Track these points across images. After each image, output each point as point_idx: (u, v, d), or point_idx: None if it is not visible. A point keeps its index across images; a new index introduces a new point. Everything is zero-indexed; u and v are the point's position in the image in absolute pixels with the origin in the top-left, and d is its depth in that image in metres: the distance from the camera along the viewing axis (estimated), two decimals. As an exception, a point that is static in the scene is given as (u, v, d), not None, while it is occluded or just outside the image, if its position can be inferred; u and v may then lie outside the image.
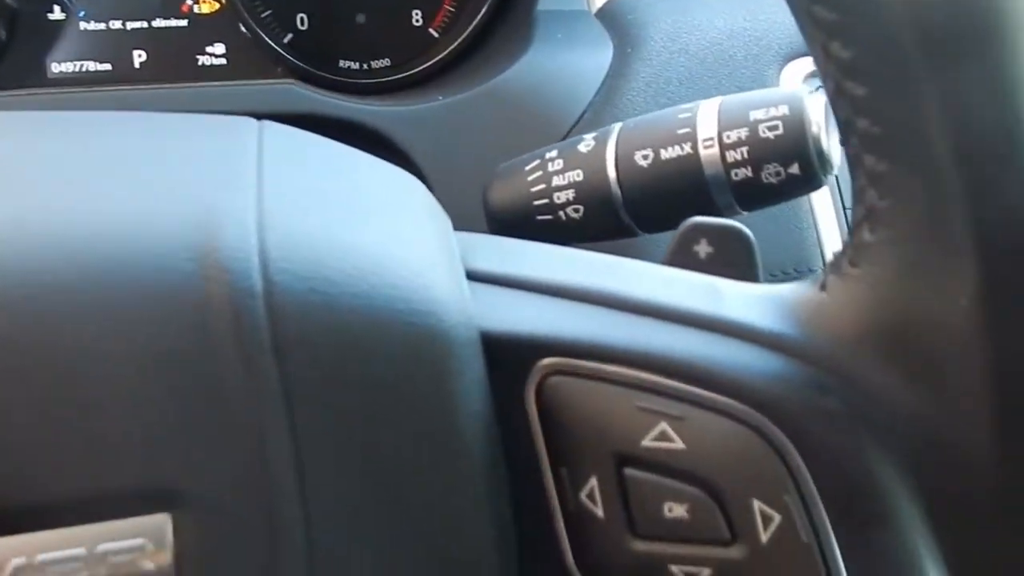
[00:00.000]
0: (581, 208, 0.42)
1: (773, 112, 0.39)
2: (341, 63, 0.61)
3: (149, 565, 0.24)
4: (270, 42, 0.59)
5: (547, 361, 0.29)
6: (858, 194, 0.28)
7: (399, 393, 0.26)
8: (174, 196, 0.26)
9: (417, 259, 0.28)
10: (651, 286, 0.30)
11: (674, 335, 0.29)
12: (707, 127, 0.40)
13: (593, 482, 0.29)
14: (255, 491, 0.24)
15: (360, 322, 0.26)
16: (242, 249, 0.25)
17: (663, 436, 0.28)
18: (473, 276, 0.30)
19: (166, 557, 0.24)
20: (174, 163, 0.28)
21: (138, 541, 0.24)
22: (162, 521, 0.24)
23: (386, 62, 0.62)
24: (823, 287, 0.29)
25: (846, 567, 0.28)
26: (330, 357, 0.25)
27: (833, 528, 0.28)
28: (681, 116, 0.41)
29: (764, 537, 0.28)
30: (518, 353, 0.29)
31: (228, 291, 0.25)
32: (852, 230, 0.28)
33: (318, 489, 0.25)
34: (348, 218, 0.28)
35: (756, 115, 0.39)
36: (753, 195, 0.40)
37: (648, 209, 0.41)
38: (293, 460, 0.25)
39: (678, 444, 0.28)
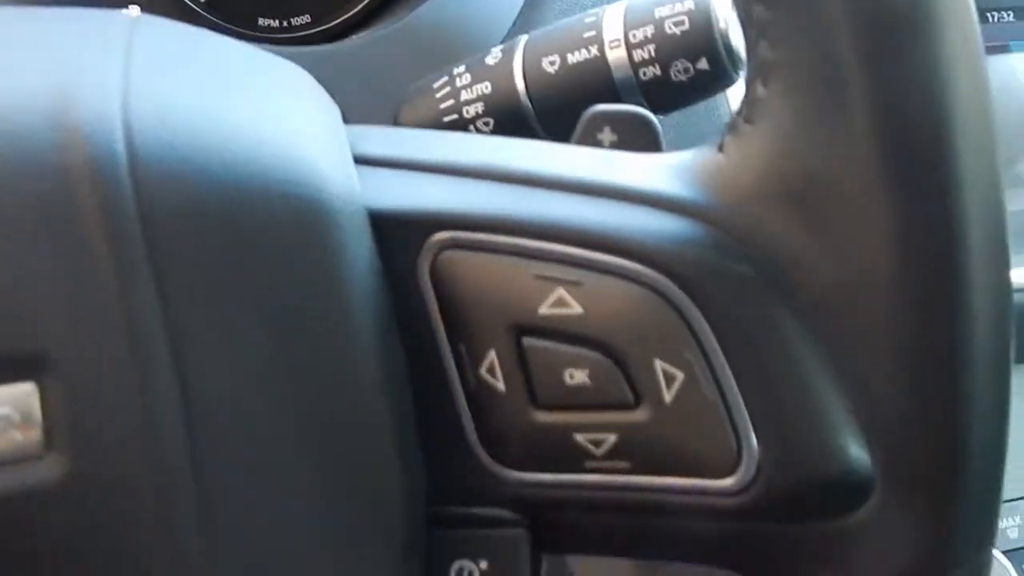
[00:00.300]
0: (491, 121, 0.41)
1: (678, 7, 0.39)
2: (261, 21, 0.60)
3: (17, 436, 0.23)
4: (187, 1, 0.58)
5: (440, 235, 0.28)
6: (750, 50, 0.28)
7: (278, 264, 0.26)
8: (35, 69, 0.26)
9: (297, 131, 0.27)
10: (545, 159, 0.29)
11: (569, 203, 0.28)
12: (613, 28, 0.39)
13: (492, 355, 0.28)
14: (126, 362, 0.23)
15: (232, 191, 0.25)
16: (103, 117, 0.24)
17: (560, 302, 0.27)
18: (361, 160, 0.29)
19: (35, 428, 0.23)
20: (37, 42, 0.27)
21: (3, 410, 0.23)
22: (28, 390, 0.23)
23: (306, 19, 0.60)
24: (721, 148, 0.28)
25: (753, 423, 0.27)
26: (200, 225, 0.25)
27: (738, 384, 0.27)
28: (587, 20, 0.40)
29: (668, 397, 0.27)
30: (409, 229, 0.28)
31: (89, 158, 0.24)
32: (746, 88, 0.28)
33: (195, 363, 0.24)
34: (223, 91, 0.27)
35: (661, 12, 0.39)
36: (663, 96, 0.39)
37: (558, 117, 0.40)
38: (165, 332, 0.24)
39: (575, 309, 0.27)
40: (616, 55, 0.39)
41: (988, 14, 0.64)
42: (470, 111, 0.41)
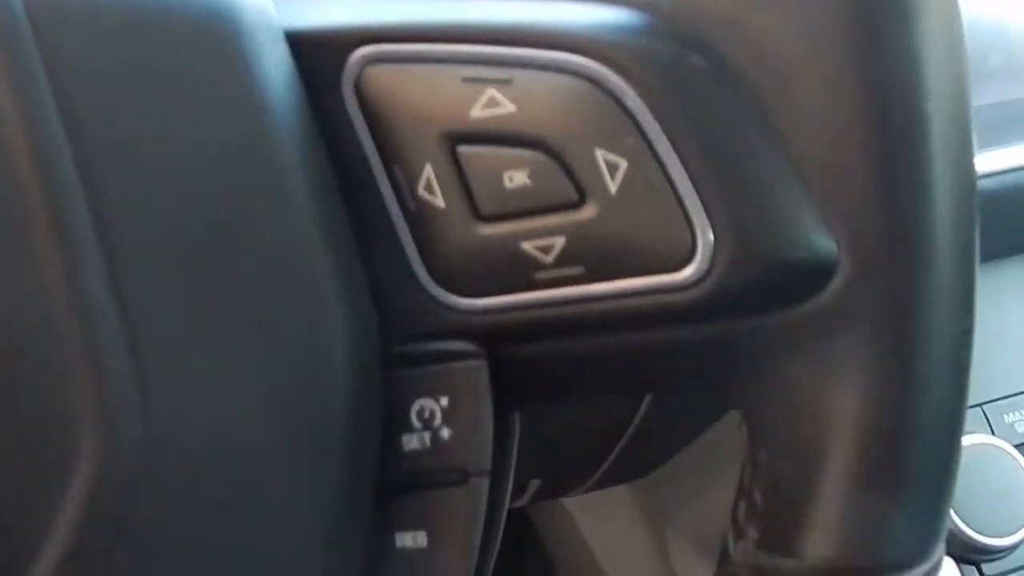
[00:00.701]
0: None
1: None
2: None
3: None
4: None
5: (361, 51, 0.27)
6: None
7: (186, 79, 0.24)
8: None
9: None
10: None
11: (493, 5, 0.27)
12: None
13: (429, 171, 0.27)
14: (26, 160, 0.22)
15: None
16: None
17: (491, 103, 0.26)
18: None
19: None
20: None
21: None
22: None
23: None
24: None
25: (705, 209, 0.26)
26: (98, 33, 0.23)
27: (685, 168, 0.26)
28: None
29: (613, 187, 0.26)
30: (329, 47, 0.27)
31: None
32: None
33: (105, 183, 0.23)
34: None
35: None
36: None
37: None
38: (70, 148, 0.23)
39: (508, 107, 0.26)
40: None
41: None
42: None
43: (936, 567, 0.27)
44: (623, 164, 0.25)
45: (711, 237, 0.25)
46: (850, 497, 0.26)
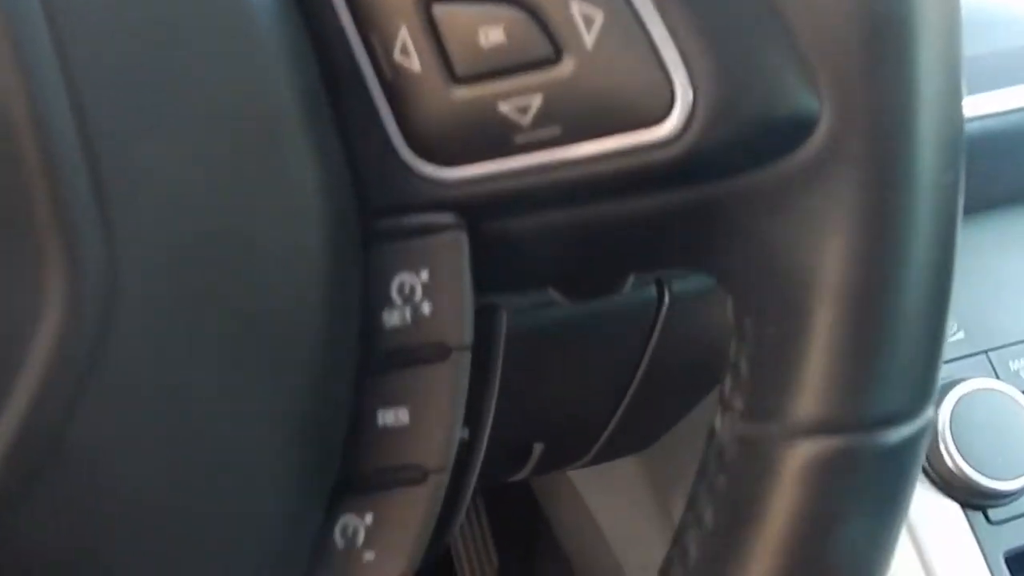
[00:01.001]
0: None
1: None
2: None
3: None
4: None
5: None
6: None
7: None
8: None
9: None
10: None
11: None
12: None
13: (404, 34, 0.26)
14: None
15: None
16: None
17: None
18: None
19: None
20: None
21: None
22: None
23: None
24: None
25: (684, 61, 0.25)
26: None
27: (663, 19, 0.25)
28: None
29: (589, 42, 0.25)
30: None
31: None
32: None
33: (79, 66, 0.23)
34: None
35: None
36: None
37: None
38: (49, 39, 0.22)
39: None
40: None
41: None
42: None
43: (925, 428, 0.26)
44: (599, 17, 0.25)
45: (690, 92, 0.25)
46: (836, 353, 0.25)
